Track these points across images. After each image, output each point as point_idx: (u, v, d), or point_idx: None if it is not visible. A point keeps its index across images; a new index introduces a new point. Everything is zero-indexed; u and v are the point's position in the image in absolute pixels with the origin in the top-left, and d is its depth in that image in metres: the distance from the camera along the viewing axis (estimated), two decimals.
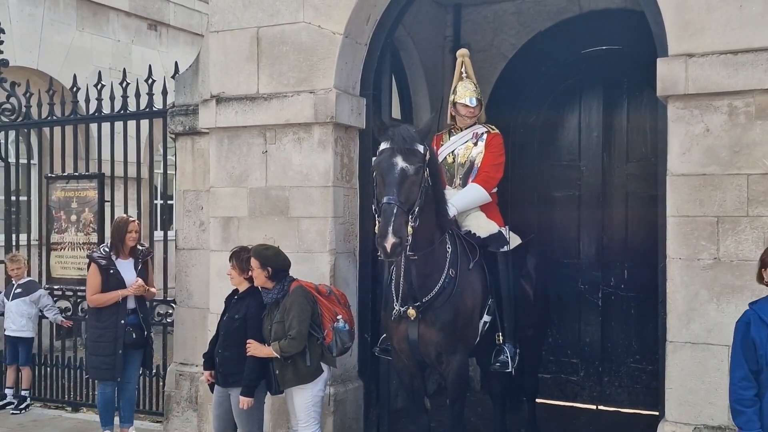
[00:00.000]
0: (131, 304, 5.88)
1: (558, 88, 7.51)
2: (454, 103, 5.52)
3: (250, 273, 4.78)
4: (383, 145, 4.42)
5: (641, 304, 6.98)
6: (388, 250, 4.08)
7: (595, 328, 7.29)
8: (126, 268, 5.91)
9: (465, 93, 5.47)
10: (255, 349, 4.65)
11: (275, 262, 4.73)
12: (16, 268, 7.25)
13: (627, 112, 7.23)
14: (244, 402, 4.65)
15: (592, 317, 7.30)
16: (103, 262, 5.82)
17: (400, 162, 4.28)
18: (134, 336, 5.83)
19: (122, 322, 5.78)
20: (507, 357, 4.89)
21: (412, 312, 4.63)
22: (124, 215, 6.21)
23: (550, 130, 7.53)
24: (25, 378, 7.32)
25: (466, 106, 5.46)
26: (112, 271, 5.82)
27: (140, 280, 5.84)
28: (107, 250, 5.92)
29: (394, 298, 4.70)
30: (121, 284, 5.81)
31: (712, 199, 4.39)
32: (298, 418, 4.72)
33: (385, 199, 4.18)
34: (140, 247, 6.08)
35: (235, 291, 4.97)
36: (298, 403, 4.71)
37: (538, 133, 7.57)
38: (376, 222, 4.25)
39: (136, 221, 6.04)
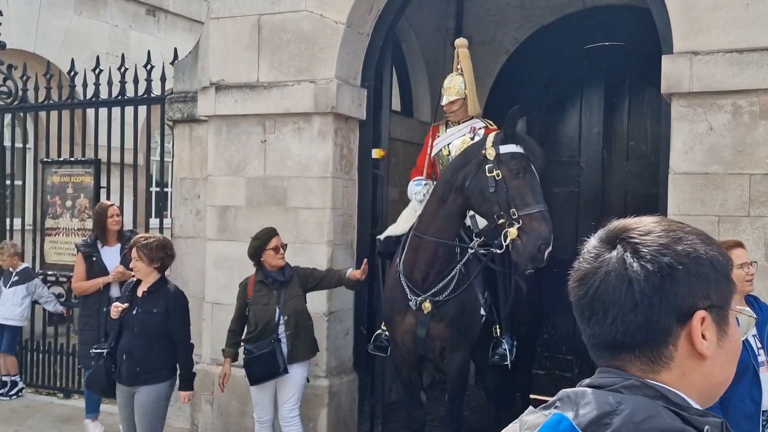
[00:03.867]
0: (115, 291, 5.81)
1: (559, 84, 7.48)
2: None
3: (158, 263, 4.53)
4: (518, 149, 4.34)
5: None
6: (545, 257, 4.14)
7: None
8: (111, 254, 5.87)
9: (444, 90, 5.41)
10: None
11: None
12: (5, 259, 7.16)
13: (628, 109, 7.21)
14: (187, 396, 4.74)
15: None
16: (86, 250, 5.81)
17: (537, 173, 4.35)
18: None
19: (104, 309, 5.74)
20: (505, 349, 4.86)
21: (427, 305, 4.62)
22: (104, 201, 6.19)
23: (550, 126, 7.50)
24: (11, 364, 7.24)
25: (442, 104, 5.42)
26: (94, 259, 5.80)
27: (120, 267, 5.75)
28: (93, 238, 5.91)
29: (407, 290, 4.67)
30: (103, 271, 5.79)
31: (714, 198, 4.37)
32: (288, 399, 4.76)
33: (545, 208, 4.25)
34: (128, 233, 6.05)
35: (137, 283, 4.62)
36: (295, 381, 4.76)
37: (538, 128, 7.52)
38: (532, 225, 4.17)
39: (116, 205, 6.01)
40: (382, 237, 5.26)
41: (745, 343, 3.42)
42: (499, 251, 4.34)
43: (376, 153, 5.79)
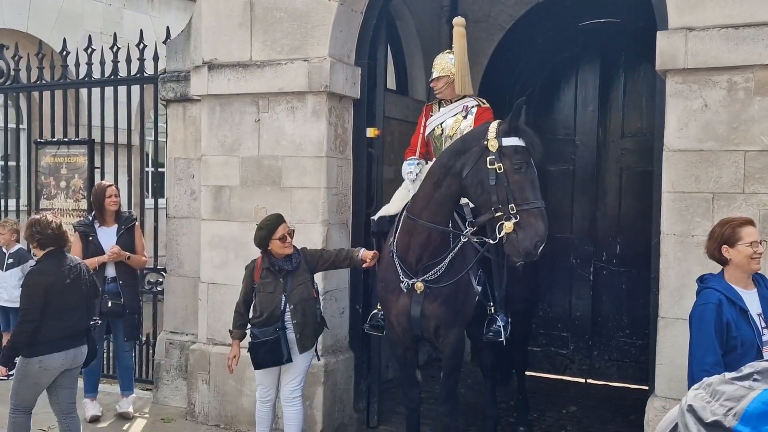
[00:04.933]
0: (110, 272, 5.84)
1: (555, 61, 7.44)
2: None
3: (35, 242, 4.52)
4: (521, 142, 4.25)
5: (632, 279, 6.99)
6: (538, 253, 4.14)
7: (585, 302, 7.30)
8: (107, 235, 5.88)
9: (433, 66, 5.35)
10: None
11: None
12: (5, 233, 7.16)
13: (623, 86, 7.18)
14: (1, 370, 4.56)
15: (583, 291, 7.31)
16: (83, 229, 5.82)
17: (535, 167, 4.29)
18: (110, 305, 5.76)
19: (100, 289, 5.76)
20: (500, 326, 4.86)
21: (419, 285, 4.62)
22: (102, 181, 6.18)
23: (545, 104, 7.48)
24: None
25: (431, 79, 5.37)
26: (90, 239, 5.82)
27: (116, 247, 5.77)
28: (91, 218, 5.92)
29: (400, 271, 4.67)
30: (99, 251, 5.80)
31: (709, 175, 4.36)
32: (291, 380, 4.76)
33: (543, 204, 4.21)
34: (125, 214, 6.04)
35: None
36: (301, 365, 4.76)
37: (533, 106, 7.48)
38: (530, 221, 4.12)
39: (114, 186, 6.00)
40: (375, 217, 5.25)
41: (750, 321, 3.43)
42: (492, 243, 4.33)
43: (370, 132, 5.76)
